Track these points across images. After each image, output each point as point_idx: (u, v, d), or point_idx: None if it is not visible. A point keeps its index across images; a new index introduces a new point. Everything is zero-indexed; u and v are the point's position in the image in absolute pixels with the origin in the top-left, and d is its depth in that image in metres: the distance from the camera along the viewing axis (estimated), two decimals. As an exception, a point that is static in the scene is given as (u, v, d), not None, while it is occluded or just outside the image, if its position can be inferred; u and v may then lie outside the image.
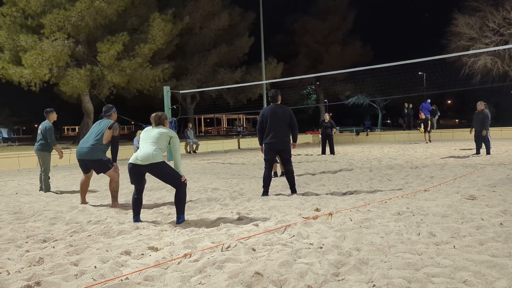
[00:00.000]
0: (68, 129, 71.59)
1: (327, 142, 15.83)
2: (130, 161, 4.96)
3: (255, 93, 33.00)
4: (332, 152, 15.68)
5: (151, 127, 5.16)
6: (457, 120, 63.52)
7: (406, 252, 3.51)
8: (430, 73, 26.97)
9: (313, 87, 49.41)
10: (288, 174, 6.87)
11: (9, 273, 3.36)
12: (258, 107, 32.63)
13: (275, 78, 29.26)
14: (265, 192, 6.80)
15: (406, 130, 26.76)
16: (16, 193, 8.11)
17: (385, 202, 5.76)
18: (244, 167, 12.09)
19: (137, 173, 4.99)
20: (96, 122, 6.60)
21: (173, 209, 5.80)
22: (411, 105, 27.63)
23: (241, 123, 55.05)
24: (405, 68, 21.18)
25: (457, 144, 18.60)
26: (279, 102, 6.85)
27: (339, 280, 2.98)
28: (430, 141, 20.58)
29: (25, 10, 21.64)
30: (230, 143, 25.04)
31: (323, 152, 15.84)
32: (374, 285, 2.85)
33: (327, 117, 16.00)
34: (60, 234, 4.60)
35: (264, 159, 6.88)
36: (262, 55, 25.58)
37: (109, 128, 6.29)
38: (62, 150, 8.72)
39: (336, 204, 5.77)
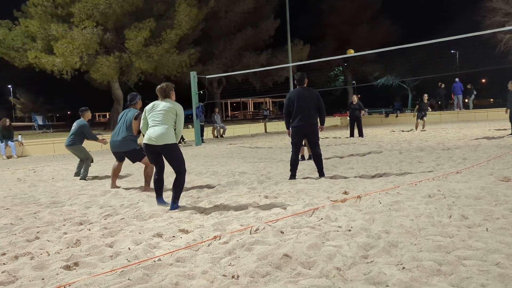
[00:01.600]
0: (99, 116, 73.32)
1: (356, 125, 15.63)
2: (144, 141, 5.01)
3: (281, 76, 32.74)
4: (360, 134, 15.47)
5: (158, 101, 5.11)
6: (491, 99, 61.33)
7: (437, 235, 3.46)
8: (463, 51, 26.04)
9: (341, 69, 48.58)
10: (316, 157, 6.84)
11: (49, 254, 3.52)
12: (285, 90, 32.42)
13: (301, 61, 28.90)
14: (293, 176, 6.81)
15: (438, 111, 26.06)
16: (53, 178, 8.43)
17: (415, 184, 5.68)
18: (271, 151, 12.11)
19: (153, 152, 5.03)
20: (123, 112, 6.72)
21: (202, 192, 5.91)
22: (443, 85, 26.82)
23: (268, 107, 54.90)
24: (436, 46, 20.53)
25: (491, 124, 17.99)
26: (305, 85, 6.78)
27: (368, 263, 2.98)
28: (423, 128, 16.65)
29: (55, 0, 22.09)
30: (257, 127, 25.08)
31: (352, 134, 15.66)
32: (403, 267, 2.84)
33: (355, 99, 15.75)
34: (95, 217, 4.77)
35: (291, 143, 6.87)
36: (288, 37, 25.29)
37: (135, 119, 6.41)
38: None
39: (365, 187, 5.72)
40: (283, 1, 25.70)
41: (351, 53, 14.56)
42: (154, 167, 5.26)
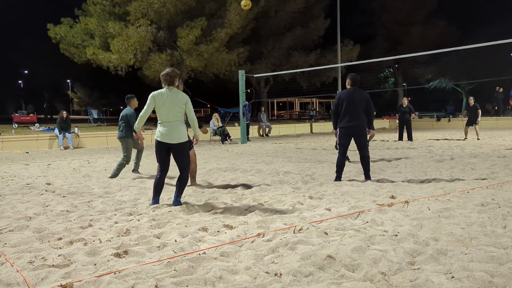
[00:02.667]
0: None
1: (405, 128, 15.17)
2: (157, 138, 4.97)
3: (329, 77, 32.35)
4: (410, 138, 15.00)
5: (163, 90, 4.96)
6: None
7: (489, 245, 3.31)
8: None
9: (391, 70, 47.28)
10: (364, 159, 6.73)
11: (101, 241, 3.71)
12: (332, 91, 32.01)
13: (351, 61, 28.43)
14: (338, 177, 6.74)
15: (494, 116, 24.75)
16: (105, 170, 8.82)
17: (468, 192, 5.44)
18: (316, 152, 12.01)
19: (164, 150, 5.00)
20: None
21: (246, 190, 5.97)
22: (501, 89, 25.44)
23: (314, 107, 54.42)
24: (495, 49, 19.47)
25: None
26: (357, 86, 6.75)
27: (414, 269, 2.90)
28: (477, 137, 14.87)
29: (113, -1, 23.08)
30: (303, 127, 24.95)
31: (400, 138, 15.22)
32: (452, 277, 2.74)
33: (405, 101, 15.28)
34: (143, 209, 4.96)
35: (339, 144, 6.79)
36: (338, 37, 24.96)
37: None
38: (145, 130, 9.25)
39: (413, 192, 5.56)
40: (334, 0, 25.40)
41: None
42: (159, 165, 5.15)
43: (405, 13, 39.62)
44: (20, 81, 67.74)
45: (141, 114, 5.03)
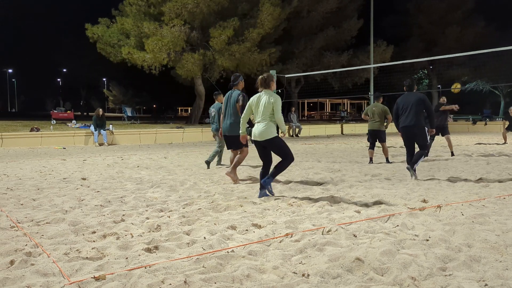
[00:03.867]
0: (181, 110, 76.90)
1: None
2: (252, 138, 5.48)
3: (361, 78, 31.92)
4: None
5: (261, 93, 5.44)
6: None
7: (526, 254, 3.19)
8: None
9: (426, 72, 46.14)
10: (419, 152, 7.09)
11: (132, 236, 3.81)
12: (364, 92, 31.56)
13: (384, 62, 27.93)
14: (413, 174, 6.98)
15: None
16: (138, 166, 9.04)
17: (504, 198, 5.26)
18: (347, 153, 11.88)
19: (260, 147, 5.50)
20: (227, 95, 7.08)
21: (275, 190, 5.98)
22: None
23: (345, 108, 53.78)
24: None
25: None
26: (414, 90, 7.29)
27: (446, 275, 2.84)
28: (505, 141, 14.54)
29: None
30: (333, 128, 24.72)
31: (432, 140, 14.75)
32: (486, 285, 2.66)
33: (444, 99, 14.75)
34: (174, 206, 5.05)
35: (404, 145, 7.38)
36: (371, 38, 24.58)
37: (237, 102, 6.80)
38: (177, 128, 9.58)
39: (446, 196, 5.42)
40: (367, 0, 25.02)
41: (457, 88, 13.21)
42: (262, 161, 5.63)
43: (441, 13, 38.59)
44: (58, 79, 70.26)
45: (243, 116, 5.72)
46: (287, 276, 2.84)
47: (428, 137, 7.27)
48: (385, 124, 9.47)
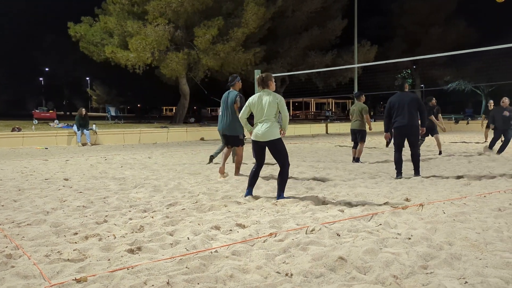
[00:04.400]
0: (166, 109, 76.40)
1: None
2: (252, 138, 5.34)
3: (345, 77, 32.19)
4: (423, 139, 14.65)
5: (260, 93, 5.29)
6: None
7: (505, 251, 3.25)
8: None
9: (409, 71, 46.76)
10: (414, 157, 7.19)
11: (115, 237, 3.76)
12: (349, 92, 31.81)
13: (367, 62, 28.19)
14: (398, 173, 7.16)
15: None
16: (121, 167, 8.94)
17: (484, 196, 5.36)
18: (331, 152, 11.96)
19: (259, 147, 5.35)
20: (224, 95, 7.21)
21: (259, 190, 5.98)
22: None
23: (330, 108, 54.15)
24: (517, 50, 19.05)
25: None
26: (406, 90, 7.28)
27: (427, 273, 2.87)
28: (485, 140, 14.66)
29: (132, -2, 23.36)
30: (318, 128, 24.85)
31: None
32: (466, 282, 2.70)
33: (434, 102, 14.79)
34: (157, 206, 5.01)
35: (394, 143, 7.33)
36: (355, 38, 24.77)
37: (235, 103, 6.92)
38: (162, 128, 9.60)
39: (429, 195, 5.49)
40: (352, 1, 25.22)
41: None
42: (255, 161, 5.51)
43: (424, 14, 39.18)
44: (40, 78, 69.10)
45: (241, 116, 5.50)
46: (271, 275, 2.84)
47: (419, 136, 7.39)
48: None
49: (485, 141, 14.61)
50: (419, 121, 7.22)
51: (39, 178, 7.27)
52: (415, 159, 7.19)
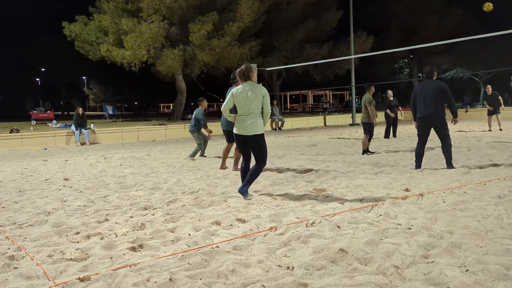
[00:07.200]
0: (163, 107, 76.27)
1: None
2: (234, 131, 5.22)
3: (342, 69, 32.09)
4: (394, 134, 14.48)
5: (242, 85, 5.15)
6: None
7: (505, 238, 3.27)
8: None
9: (406, 61, 46.68)
10: (445, 147, 6.79)
11: (116, 235, 3.77)
12: (346, 83, 31.76)
13: (364, 53, 28.13)
14: (418, 166, 6.93)
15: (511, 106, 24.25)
16: (121, 165, 8.94)
17: (484, 184, 5.37)
18: (330, 145, 11.97)
19: (242, 141, 5.23)
20: (228, 91, 7.14)
21: (259, 184, 5.99)
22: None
23: (328, 100, 54.10)
24: (513, 37, 19.00)
25: None
26: (434, 77, 6.85)
27: (428, 263, 2.89)
28: (500, 127, 14.42)
29: (126, -5, 23.22)
30: (316, 120, 24.83)
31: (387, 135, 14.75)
32: (467, 270, 2.72)
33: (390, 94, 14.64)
34: (158, 203, 5.02)
35: (417, 134, 6.99)
36: (351, 29, 24.68)
37: None
38: (159, 125, 9.77)
39: (428, 184, 5.51)
40: (347, -9, 25.09)
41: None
42: (242, 155, 5.40)
43: (420, 2, 38.98)
44: (37, 79, 68.87)
45: (222, 109, 5.33)
46: (272, 269, 2.86)
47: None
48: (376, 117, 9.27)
49: (490, 130, 14.35)
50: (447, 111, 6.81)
51: (39, 179, 7.27)
52: (445, 149, 6.77)
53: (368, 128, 9.30)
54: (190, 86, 28.48)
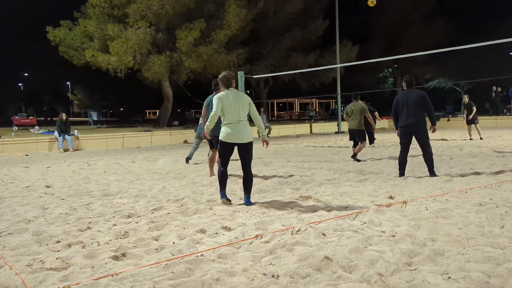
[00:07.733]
0: (149, 113, 75.72)
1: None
2: (222, 138, 5.10)
3: (328, 77, 32.41)
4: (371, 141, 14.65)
5: (226, 92, 5.06)
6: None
7: (486, 246, 3.32)
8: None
9: (390, 70, 47.34)
10: (426, 156, 6.89)
11: (99, 244, 3.71)
12: (332, 91, 32.07)
13: (349, 62, 28.45)
14: (401, 174, 6.98)
15: (493, 116, 24.75)
16: (105, 172, 8.83)
17: (466, 192, 5.45)
18: (316, 152, 12.02)
19: (230, 149, 5.17)
20: (208, 99, 7.21)
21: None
22: (499, 88, 25.42)
23: (314, 108, 54.48)
24: (494, 48, 19.49)
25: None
26: (413, 87, 7.02)
27: (411, 270, 2.91)
28: (480, 136, 14.39)
29: (112, 1, 23.08)
30: (302, 128, 24.95)
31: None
32: (449, 277, 2.75)
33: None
34: (142, 211, 4.96)
35: (400, 143, 7.07)
36: (337, 38, 24.97)
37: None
38: (145, 131, 9.73)
39: (412, 192, 5.57)
40: (333, 1, 25.40)
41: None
42: (221, 162, 5.27)
43: (403, 14, 39.70)
44: (20, 84, 67.74)
45: (211, 115, 5.14)
46: (257, 278, 2.84)
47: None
48: (374, 123, 9.43)
49: (471, 139, 14.49)
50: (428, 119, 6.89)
51: (20, 186, 7.13)
52: (427, 158, 6.88)
53: (363, 135, 9.44)
54: (177, 93, 28.38)
